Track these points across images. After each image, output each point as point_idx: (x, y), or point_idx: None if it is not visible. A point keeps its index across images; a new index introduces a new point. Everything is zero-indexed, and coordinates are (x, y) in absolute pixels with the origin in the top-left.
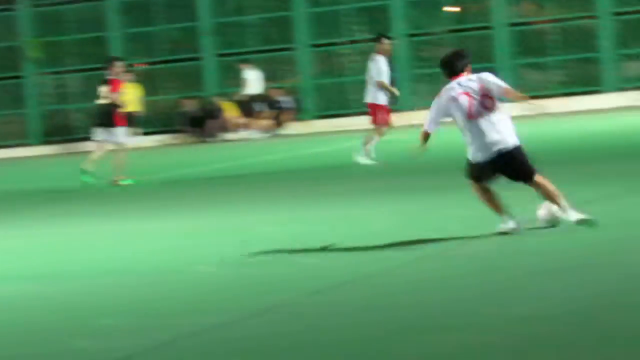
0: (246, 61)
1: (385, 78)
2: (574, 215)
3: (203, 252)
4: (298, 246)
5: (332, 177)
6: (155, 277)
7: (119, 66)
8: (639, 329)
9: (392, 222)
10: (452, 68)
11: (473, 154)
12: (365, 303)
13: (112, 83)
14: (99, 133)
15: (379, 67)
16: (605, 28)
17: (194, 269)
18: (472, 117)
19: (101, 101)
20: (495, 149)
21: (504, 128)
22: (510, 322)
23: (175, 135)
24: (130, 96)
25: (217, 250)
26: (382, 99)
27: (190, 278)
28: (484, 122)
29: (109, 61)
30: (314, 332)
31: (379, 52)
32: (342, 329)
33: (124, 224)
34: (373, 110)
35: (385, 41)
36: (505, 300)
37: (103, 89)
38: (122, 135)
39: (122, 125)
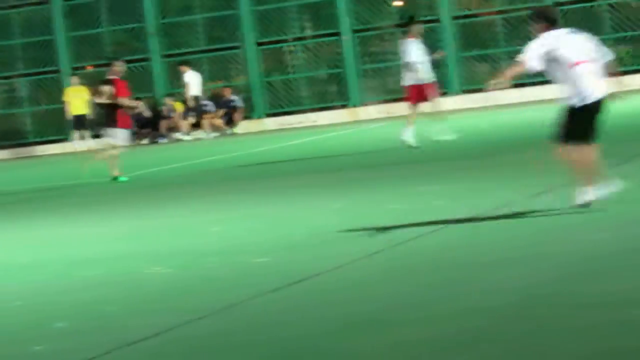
0: (185, 63)
1: (414, 58)
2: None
3: (155, 254)
4: (246, 244)
5: (282, 174)
6: (107, 278)
7: (119, 65)
8: (571, 318)
9: (338, 218)
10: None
11: (580, 98)
12: (314, 300)
13: (117, 84)
14: (104, 133)
15: (407, 50)
16: None
17: (146, 271)
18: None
19: (103, 100)
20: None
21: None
22: (453, 316)
23: None
24: (79, 99)
25: (168, 251)
26: (417, 78)
27: (143, 279)
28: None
29: (109, 60)
30: (267, 330)
31: (411, 36)
32: (293, 326)
33: (75, 227)
34: (412, 91)
35: (417, 24)
36: (449, 294)
37: (105, 89)
38: (122, 136)
39: (124, 126)
